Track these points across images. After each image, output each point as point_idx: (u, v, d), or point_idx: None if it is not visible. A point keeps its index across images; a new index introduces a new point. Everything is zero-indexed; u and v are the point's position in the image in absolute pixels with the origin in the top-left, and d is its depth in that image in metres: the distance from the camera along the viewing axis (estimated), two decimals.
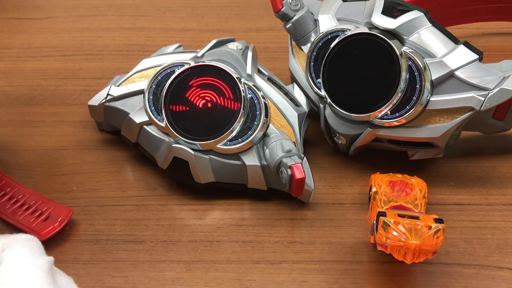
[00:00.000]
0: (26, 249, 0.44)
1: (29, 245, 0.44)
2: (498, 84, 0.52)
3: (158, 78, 0.57)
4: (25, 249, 0.44)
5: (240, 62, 0.58)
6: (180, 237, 0.54)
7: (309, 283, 0.50)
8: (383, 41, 0.53)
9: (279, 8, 0.58)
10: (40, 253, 0.44)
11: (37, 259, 0.43)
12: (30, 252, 0.44)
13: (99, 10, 0.80)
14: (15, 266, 0.42)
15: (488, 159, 0.60)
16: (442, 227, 0.45)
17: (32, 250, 0.44)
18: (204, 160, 0.55)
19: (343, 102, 0.55)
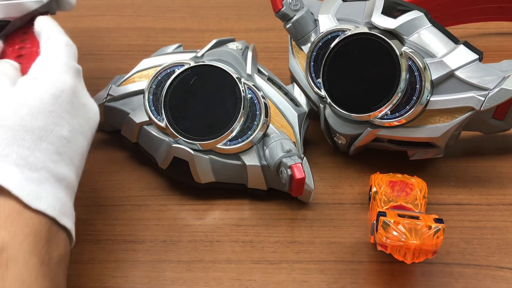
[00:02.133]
0: (64, 51, 0.48)
1: (68, 49, 0.49)
2: (498, 84, 0.52)
3: (158, 78, 0.57)
4: (63, 50, 0.48)
5: (240, 62, 0.58)
6: (180, 237, 0.54)
7: (309, 283, 0.50)
8: (383, 41, 0.53)
9: (279, 8, 0.58)
10: (73, 58, 0.49)
11: (69, 60, 0.48)
12: (65, 54, 0.48)
13: (99, 10, 0.80)
14: (50, 58, 0.48)
15: (488, 159, 0.60)
16: (442, 227, 0.45)
17: (68, 53, 0.49)
18: (204, 160, 0.55)
19: (343, 102, 0.55)
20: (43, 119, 0.44)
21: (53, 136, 0.44)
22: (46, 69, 0.46)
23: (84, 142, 0.47)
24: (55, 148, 0.44)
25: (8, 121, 0.43)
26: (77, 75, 0.48)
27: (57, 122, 0.45)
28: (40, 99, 0.44)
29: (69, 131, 0.45)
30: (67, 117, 0.45)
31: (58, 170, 0.44)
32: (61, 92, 0.45)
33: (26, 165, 0.42)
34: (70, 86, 0.46)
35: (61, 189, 0.44)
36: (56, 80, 0.46)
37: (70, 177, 0.45)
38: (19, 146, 0.43)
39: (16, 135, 0.43)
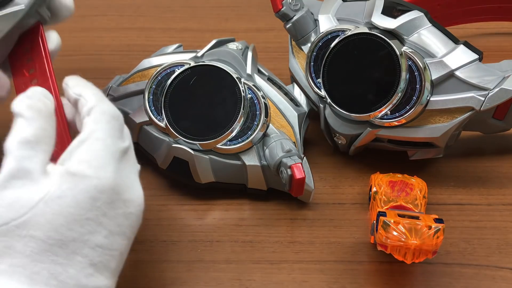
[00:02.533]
0: (108, 129, 0.42)
1: (113, 124, 0.42)
2: (498, 84, 0.52)
3: (158, 78, 0.57)
4: (107, 127, 0.42)
5: (240, 62, 0.58)
6: (180, 237, 0.54)
7: (309, 283, 0.50)
8: (383, 41, 0.53)
9: (279, 8, 0.58)
10: (119, 136, 0.42)
11: (113, 142, 0.42)
12: (109, 133, 0.42)
13: (99, 10, 0.80)
14: (91, 143, 0.41)
15: (488, 159, 0.60)
16: (442, 227, 0.45)
17: (113, 131, 0.42)
18: (204, 160, 0.55)
19: (343, 102, 0.55)
20: (79, 230, 0.39)
21: (87, 248, 0.39)
22: (85, 161, 0.40)
23: (122, 242, 0.41)
24: (89, 260, 0.39)
25: (41, 232, 0.38)
26: (123, 160, 0.42)
27: (93, 230, 0.39)
28: (78, 204, 0.39)
29: (105, 236, 0.40)
30: (104, 221, 0.40)
31: (92, 284, 0.39)
32: (100, 194, 0.40)
33: (57, 284, 0.38)
34: (110, 183, 0.40)
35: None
36: (96, 177, 0.40)
37: (105, 285, 0.41)
38: (51, 262, 0.38)
39: (49, 249, 0.38)
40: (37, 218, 0.38)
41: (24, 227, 0.38)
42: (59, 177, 0.39)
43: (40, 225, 0.38)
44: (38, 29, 0.50)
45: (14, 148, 0.40)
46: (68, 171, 0.40)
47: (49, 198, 0.39)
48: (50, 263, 0.38)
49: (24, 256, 0.38)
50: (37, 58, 0.50)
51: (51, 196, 0.39)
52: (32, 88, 0.44)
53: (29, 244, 0.38)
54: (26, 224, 0.38)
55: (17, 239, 0.38)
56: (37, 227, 0.38)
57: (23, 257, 0.38)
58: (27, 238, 0.38)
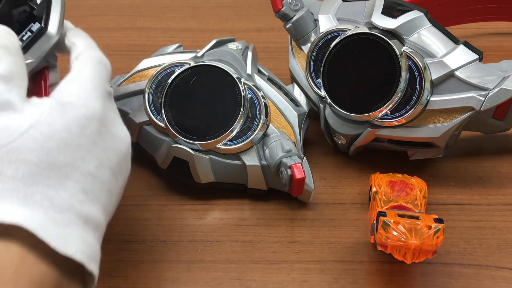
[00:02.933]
0: (95, 70, 0.44)
1: (99, 68, 0.45)
2: (498, 84, 0.52)
3: (158, 78, 0.57)
4: (95, 69, 0.44)
5: (240, 62, 0.58)
6: (180, 237, 0.54)
7: (309, 283, 0.50)
8: (383, 41, 0.53)
9: (279, 8, 0.58)
10: (105, 79, 0.45)
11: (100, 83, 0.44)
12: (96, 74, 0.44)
13: (99, 10, 0.80)
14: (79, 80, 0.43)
15: (488, 159, 0.60)
16: (442, 227, 0.45)
17: (100, 73, 0.44)
18: (204, 160, 0.55)
19: (343, 102, 0.55)
20: (70, 154, 0.40)
21: (79, 173, 0.40)
22: (74, 93, 0.42)
23: (111, 178, 0.42)
24: (81, 187, 0.40)
25: (33, 155, 0.39)
26: (108, 99, 0.44)
27: (83, 157, 0.41)
28: (69, 130, 0.40)
29: (96, 166, 0.41)
30: (94, 150, 0.41)
31: (85, 210, 0.40)
32: (89, 122, 0.41)
33: (51, 206, 0.39)
34: (99, 114, 0.42)
35: (88, 231, 0.40)
36: (85, 107, 0.41)
37: (98, 217, 0.41)
38: (44, 185, 0.39)
39: (41, 172, 0.39)
40: (28, 142, 0.39)
41: (14, 152, 0.39)
42: (49, 107, 0.41)
43: (32, 149, 0.39)
44: (43, 73, 0.51)
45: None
46: (57, 101, 0.41)
47: (40, 124, 0.40)
48: (43, 186, 0.39)
49: (16, 180, 0.38)
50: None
51: (41, 122, 0.40)
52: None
53: (20, 167, 0.38)
54: (17, 149, 0.39)
55: (7, 165, 0.38)
56: (28, 151, 0.39)
57: (15, 181, 0.38)
58: (18, 163, 0.38)
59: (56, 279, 0.38)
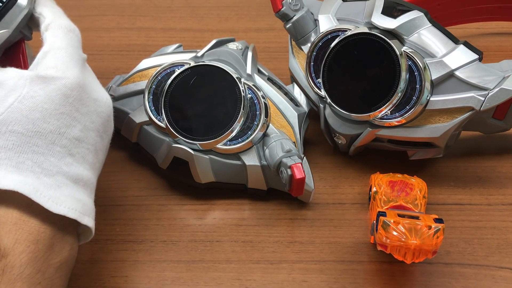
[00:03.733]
0: (67, 39, 0.47)
1: (70, 36, 0.47)
2: (498, 84, 0.52)
3: (158, 78, 0.57)
4: (66, 38, 0.47)
5: (240, 62, 0.58)
6: (180, 237, 0.54)
7: (309, 283, 0.50)
8: (383, 41, 0.53)
9: (279, 8, 0.58)
10: (78, 46, 0.47)
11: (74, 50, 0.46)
12: (69, 43, 0.47)
13: (99, 10, 0.80)
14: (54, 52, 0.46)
15: (488, 159, 0.60)
16: (442, 227, 0.45)
17: (72, 42, 0.47)
18: (204, 160, 0.55)
19: (343, 102, 0.55)
20: (55, 123, 0.43)
21: (65, 139, 0.44)
22: (52, 66, 0.45)
23: (96, 138, 0.46)
24: (68, 151, 0.44)
25: (19, 126, 0.42)
26: (84, 66, 0.47)
27: (68, 124, 0.44)
28: (51, 101, 0.43)
29: (80, 130, 0.45)
30: (78, 116, 0.45)
31: (73, 171, 0.44)
32: (71, 91, 0.44)
33: (42, 171, 0.42)
34: (79, 82, 0.45)
35: (78, 189, 0.44)
36: (65, 77, 0.44)
37: (86, 176, 0.45)
38: (33, 152, 0.42)
39: (29, 141, 0.42)
40: (14, 114, 0.42)
41: (2, 124, 0.42)
42: (30, 81, 0.44)
43: (18, 120, 0.42)
44: (20, 46, 0.52)
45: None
46: (37, 75, 0.44)
47: (23, 97, 0.43)
48: (32, 153, 0.42)
49: (7, 150, 0.42)
50: None
51: (25, 96, 0.43)
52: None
53: (10, 138, 0.42)
54: (4, 122, 0.42)
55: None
56: (15, 122, 0.42)
57: (6, 151, 0.42)
58: (7, 134, 0.42)
59: (51, 231, 0.42)
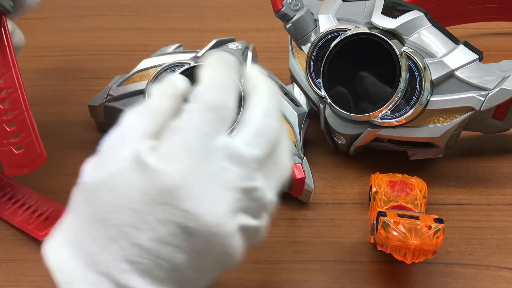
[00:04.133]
0: (203, 119, 0.37)
1: (206, 116, 0.37)
2: (498, 84, 0.52)
3: (158, 78, 0.57)
4: (202, 118, 0.37)
5: (240, 62, 0.58)
6: None
7: (309, 283, 0.50)
8: (383, 41, 0.53)
9: (279, 8, 0.58)
10: (209, 131, 0.37)
11: (206, 140, 0.37)
12: (197, 127, 0.37)
13: (99, 10, 0.80)
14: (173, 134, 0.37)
15: (488, 159, 0.60)
16: (442, 227, 0.45)
17: (202, 125, 0.37)
18: None
19: (343, 102, 0.55)
20: (121, 217, 0.36)
21: (125, 241, 0.36)
22: (164, 150, 0.36)
23: (177, 255, 0.36)
24: (125, 256, 0.36)
25: (95, 200, 0.36)
26: (206, 161, 0.36)
27: (135, 225, 0.36)
28: (129, 190, 0.36)
29: (149, 239, 0.36)
30: (150, 221, 0.36)
31: (124, 281, 0.36)
32: (154, 189, 0.35)
33: (91, 263, 0.36)
34: (169, 183, 0.35)
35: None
36: (157, 171, 0.36)
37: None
38: (92, 238, 0.36)
39: (94, 222, 0.36)
40: (99, 186, 0.36)
41: (90, 190, 0.37)
42: (132, 157, 0.36)
43: (96, 194, 0.36)
44: (0, 19, 0.50)
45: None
46: (147, 154, 0.36)
47: (114, 173, 0.36)
48: (91, 238, 0.36)
49: (78, 220, 0.37)
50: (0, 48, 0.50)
51: (116, 171, 0.36)
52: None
53: (82, 209, 0.37)
54: (90, 187, 0.37)
55: (79, 202, 0.37)
56: (94, 194, 0.37)
57: (77, 220, 0.37)
58: (86, 202, 0.37)
59: None
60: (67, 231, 0.37)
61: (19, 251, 0.53)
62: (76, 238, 0.37)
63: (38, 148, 0.48)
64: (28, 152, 0.48)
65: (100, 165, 0.37)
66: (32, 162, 0.48)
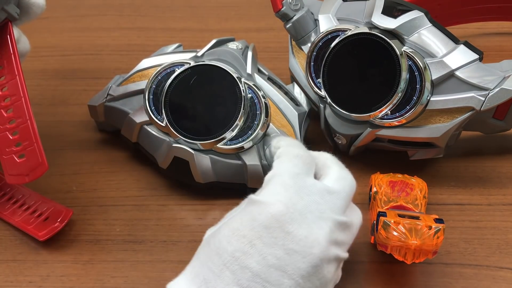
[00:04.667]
0: (289, 165, 0.44)
1: (295, 162, 0.44)
2: (498, 84, 0.52)
3: (158, 78, 0.57)
4: (289, 164, 0.44)
5: (240, 62, 0.58)
6: (180, 237, 0.54)
7: None
8: (383, 41, 0.53)
9: (279, 8, 0.58)
10: (299, 172, 0.44)
11: (292, 175, 0.43)
12: (289, 169, 0.44)
13: (99, 10, 0.80)
14: (274, 178, 0.44)
15: (488, 159, 0.60)
16: (442, 227, 0.45)
17: (294, 168, 0.44)
18: (204, 159, 0.55)
19: (343, 102, 0.55)
20: (234, 243, 0.40)
21: (236, 265, 0.40)
22: (265, 189, 0.43)
23: (283, 280, 0.40)
24: (237, 280, 0.40)
25: (213, 238, 0.42)
26: (300, 196, 0.42)
27: (245, 250, 0.40)
28: (241, 221, 0.41)
29: (257, 262, 0.40)
30: (259, 245, 0.40)
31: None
32: (259, 215, 0.41)
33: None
34: (273, 211, 0.41)
35: None
36: (261, 202, 0.42)
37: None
38: (208, 269, 0.40)
39: (210, 254, 0.41)
40: (221, 228, 0.42)
41: (213, 235, 0.42)
42: (247, 201, 0.44)
43: (215, 234, 0.42)
44: (6, 26, 0.50)
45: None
46: (251, 199, 0.43)
47: (232, 215, 0.43)
48: (207, 269, 0.40)
49: (198, 259, 0.42)
50: (5, 55, 0.50)
51: (235, 215, 0.43)
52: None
53: (204, 248, 0.42)
54: (214, 233, 0.43)
55: (205, 244, 0.43)
56: (214, 235, 0.42)
57: (196, 261, 0.42)
58: (206, 244, 0.42)
59: None
60: (187, 272, 0.42)
61: (19, 251, 0.53)
62: (194, 273, 0.41)
63: (40, 158, 0.48)
64: (30, 161, 0.48)
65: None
66: (33, 171, 0.48)
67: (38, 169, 0.48)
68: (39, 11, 0.53)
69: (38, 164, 0.48)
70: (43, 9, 0.53)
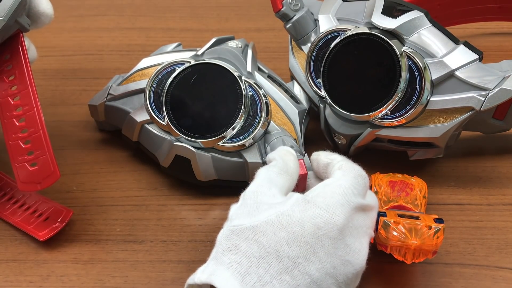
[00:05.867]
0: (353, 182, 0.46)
1: (358, 180, 0.46)
2: (498, 84, 0.52)
3: (159, 77, 0.57)
4: (353, 180, 0.46)
5: (240, 60, 0.58)
6: (180, 237, 0.54)
7: None
8: (383, 41, 0.53)
9: (279, 8, 0.58)
10: (358, 193, 0.45)
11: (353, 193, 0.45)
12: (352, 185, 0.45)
13: (99, 10, 0.80)
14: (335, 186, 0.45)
15: (488, 159, 0.60)
16: (442, 227, 0.45)
17: (356, 186, 0.46)
18: (205, 157, 0.55)
19: (343, 102, 0.55)
20: (295, 249, 0.42)
21: (298, 271, 0.41)
22: (322, 195, 0.44)
23: (331, 286, 0.42)
24: (296, 285, 0.41)
25: (265, 238, 0.42)
26: (356, 214, 0.44)
27: (307, 256, 0.42)
28: (302, 225, 0.42)
29: (317, 270, 0.42)
30: (321, 254, 0.42)
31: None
32: (325, 225, 0.43)
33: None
34: (338, 223, 0.43)
35: None
36: (326, 211, 0.43)
37: None
38: (264, 270, 0.41)
39: (266, 257, 0.41)
40: (266, 227, 0.42)
41: (254, 231, 0.42)
42: (294, 201, 0.44)
43: (266, 233, 0.42)
44: (18, 37, 0.51)
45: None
46: (304, 198, 0.44)
47: (282, 213, 0.43)
48: (262, 270, 0.41)
49: (245, 256, 0.41)
50: (17, 65, 0.51)
51: (283, 212, 0.43)
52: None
53: (252, 246, 0.42)
54: (256, 229, 0.42)
55: (244, 240, 0.42)
56: (263, 234, 0.42)
57: (243, 257, 0.41)
58: (252, 241, 0.42)
59: None
60: (233, 267, 0.41)
61: (19, 251, 0.53)
62: (245, 272, 0.41)
63: (52, 166, 0.49)
64: (42, 169, 0.49)
65: (254, 211, 0.44)
66: (45, 179, 0.49)
67: (50, 178, 0.49)
68: (48, 20, 0.54)
69: (51, 173, 0.49)
70: (51, 18, 0.55)
